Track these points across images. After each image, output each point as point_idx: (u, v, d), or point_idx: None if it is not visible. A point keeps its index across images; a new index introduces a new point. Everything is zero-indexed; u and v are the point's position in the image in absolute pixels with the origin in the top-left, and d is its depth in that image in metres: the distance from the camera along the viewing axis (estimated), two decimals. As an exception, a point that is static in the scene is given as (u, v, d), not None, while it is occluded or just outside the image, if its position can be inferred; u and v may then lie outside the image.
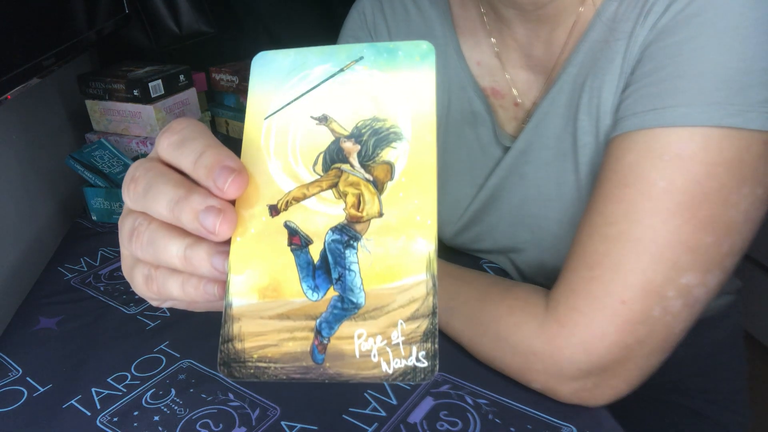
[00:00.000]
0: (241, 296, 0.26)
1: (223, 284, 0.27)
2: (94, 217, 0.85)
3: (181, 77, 0.99)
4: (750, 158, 0.42)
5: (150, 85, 0.93)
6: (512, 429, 0.46)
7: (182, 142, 0.26)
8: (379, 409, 0.49)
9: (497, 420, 0.47)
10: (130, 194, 0.27)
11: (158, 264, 0.28)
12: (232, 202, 0.26)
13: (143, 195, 0.27)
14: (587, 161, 0.53)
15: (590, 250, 0.46)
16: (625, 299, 0.43)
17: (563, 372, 0.46)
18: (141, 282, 0.29)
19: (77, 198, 0.91)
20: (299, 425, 0.48)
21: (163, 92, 0.95)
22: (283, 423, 0.48)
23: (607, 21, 0.50)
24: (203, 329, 0.60)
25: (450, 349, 0.54)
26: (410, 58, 0.27)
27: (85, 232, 0.83)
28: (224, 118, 1.18)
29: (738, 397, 0.73)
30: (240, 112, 1.15)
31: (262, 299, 0.26)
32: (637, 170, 0.44)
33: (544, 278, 0.62)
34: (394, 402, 0.49)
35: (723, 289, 0.70)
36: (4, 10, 0.65)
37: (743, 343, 0.75)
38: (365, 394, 0.50)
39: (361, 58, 0.28)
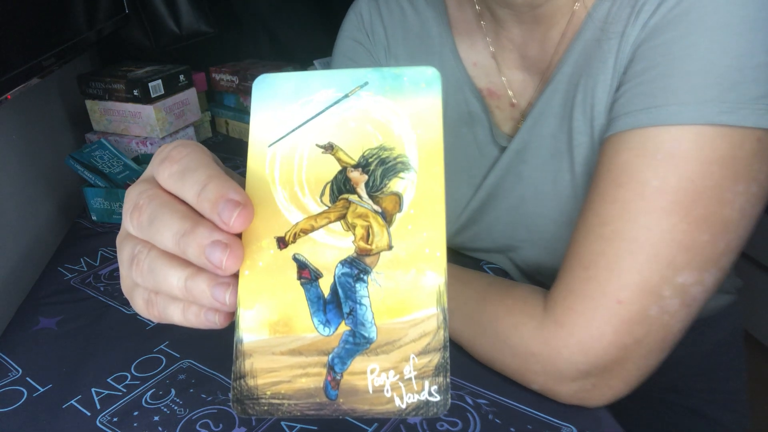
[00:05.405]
0: (252, 332, 0.25)
1: (225, 313, 0.26)
2: (94, 217, 0.85)
3: (181, 77, 0.99)
4: (743, 155, 0.42)
5: (150, 85, 0.93)
6: (512, 429, 0.46)
7: (183, 173, 0.26)
8: (379, 409, 0.49)
9: (497, 420, 0.47)
10: (134, 223, 0.27)
11: (158, 291, 0.27)
12: (239, 234, 0.26)
13: (148, 225, 0.26)
14: (582, 161, 0.53)
15: (586, 249, 0.46)
16: (621, 299, 0.43)
17: (562, 373, 0.46)
18: (141, 305, 0.28)
19: (77, 198, 0.91)
20: (299, 425, 0.48)
21: (163, 92, 0.95)
22: (283, 423, 0.48)
23: (599, 21, 0.50)
24: (203, 329, 0.60)
25: (449, 349, 0.54)
26: (416, 84, 0.27)
27: (85, 232, 0.83)
28: (224, 118, 1.18)
29: (738, 397, 0.73)
30: (240, 111, 1.15)
31: (273, 335, 0.25)
32: (630, 170, 0.44)
33: (544, 277, 0.62)
34: (394, 402, 0.49)
35: (723, 288, 0.71)
36: (4, 10, 0.65)
37: (743, 343, 0.75)
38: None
39: (366, 83, 0.27)
